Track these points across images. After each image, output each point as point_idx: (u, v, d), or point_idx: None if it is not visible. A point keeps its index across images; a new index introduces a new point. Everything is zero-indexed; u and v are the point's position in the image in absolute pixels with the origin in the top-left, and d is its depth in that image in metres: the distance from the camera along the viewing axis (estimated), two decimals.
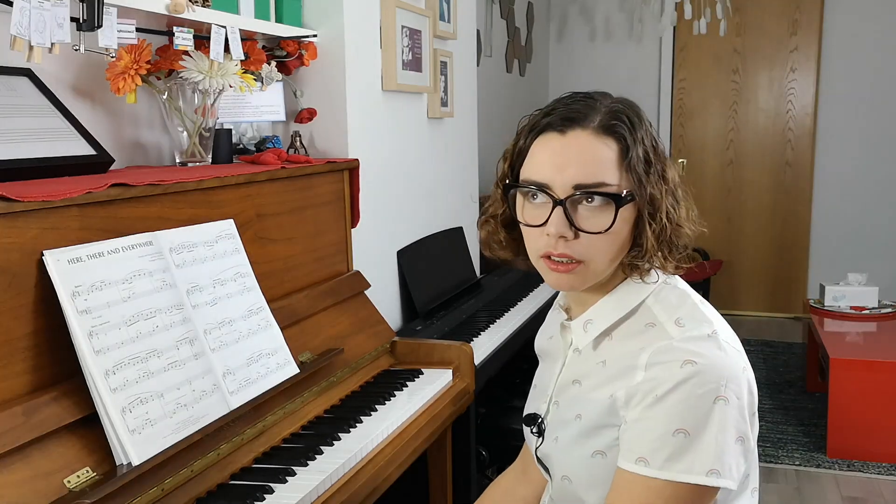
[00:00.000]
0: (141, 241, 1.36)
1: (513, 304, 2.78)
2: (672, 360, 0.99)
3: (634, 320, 1.08)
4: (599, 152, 1.02)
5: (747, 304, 5.66)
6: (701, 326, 1.03)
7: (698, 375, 0.97)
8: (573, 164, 1.02)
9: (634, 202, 1.04)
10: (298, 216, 1.88)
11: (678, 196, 1.08)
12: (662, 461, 0.97)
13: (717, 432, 0.97)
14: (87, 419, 1.20)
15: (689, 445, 0.97)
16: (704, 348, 1.00)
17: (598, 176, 1.02)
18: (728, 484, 0.98)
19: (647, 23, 5.38)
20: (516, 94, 4.89)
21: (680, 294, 1.09)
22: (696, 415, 0.97)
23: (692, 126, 5.61)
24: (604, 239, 1.03)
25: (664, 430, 0.98)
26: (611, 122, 1.03)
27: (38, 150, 1.46)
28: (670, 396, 0.98)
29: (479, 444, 2.32)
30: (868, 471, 3.19)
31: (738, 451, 0.99)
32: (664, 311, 1.06)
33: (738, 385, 0.99)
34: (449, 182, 2.94)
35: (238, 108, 2.14)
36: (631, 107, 1.07)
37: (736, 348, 1.04)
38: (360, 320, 2.00)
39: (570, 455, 1.11)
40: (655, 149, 1.06)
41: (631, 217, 1.04)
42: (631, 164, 1.02)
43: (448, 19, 2.85)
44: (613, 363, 1.07)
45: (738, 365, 1.01)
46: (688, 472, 0.97)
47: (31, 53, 1.33)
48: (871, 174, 5.30)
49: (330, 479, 1.40)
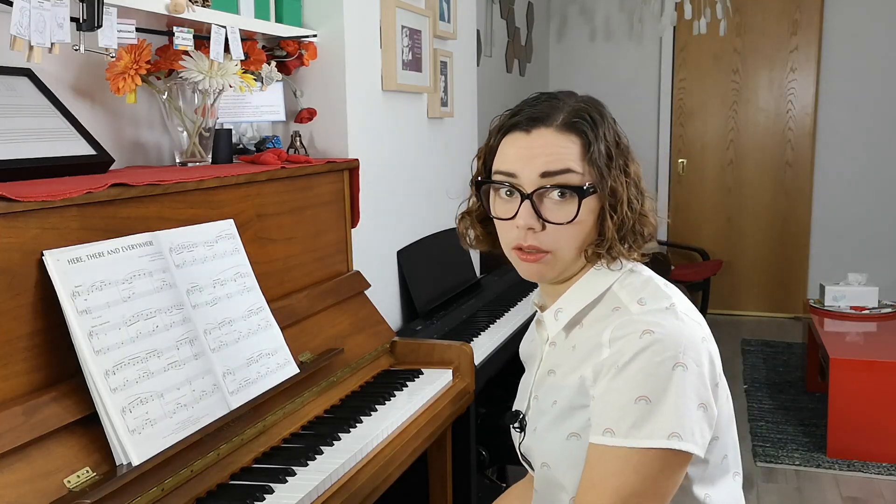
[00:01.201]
0: (141, 241, 1.36)
1: (513, 304, 2.78)
2: (632, 332, 1.03)
3: (602, 306, 1.12)
4: (563, 146, 1.09)
5: (747, 304, 5.66)
6: (660, 301, 1.08)
7: (656, 343, 1.01)
8: (539, 157, 1.09)
9: (597, 194, 1.09)
10: (298, 216, 1.88)
11: (641, 188, 1.13)
12: (627, 429, 1.00)
13: (676, 397, 0.99)
14: (87, 419, 1.20)
15: (650, 411, 0.99)
16: (662, 318, 1.04)
17: (564, 163, 1.08)
18: (690, 447, 1.00)
19: (647, 23, 5.38)
20: (516, 94, 4.89)
21: (644, 279, 1.13)
22: (656, 381, 1.00)
23: (692, 126, 5.61)
24: (569, 229, 1.09)
25: (627, 398, 1.01)
26: (573, 120, 1.09)
27: (38, 150, 1.46)
28: (631, 366, 1.01)
29: (479, 444, 2.32)
30: (868, 471, 3.19)
31: (700, 417, 1.01)
32: (628, 294, 1.10)
33: (696, 352, 1.02)
34: (449, 182, 2.94)
35: (238, 108, 2.14)
36: (594, 105, 1.13)
37: (695, 320, 1.08)
38: (360, 320, 2.00)
39: (546, 441, 1.14)
40: (618, 144, 1.12)
41: (595, 209, 1.10)
42: (592, 157, 1.08)
43: (448, 19, 2.85)
44: (582, 346, 1.11)
45: (696, 334, 1.04)
46: (650, 437, 0.99)
47: (31, 53, 1.33)
48: (871, 174, 5.30)
49: (330, 479, 1.40)
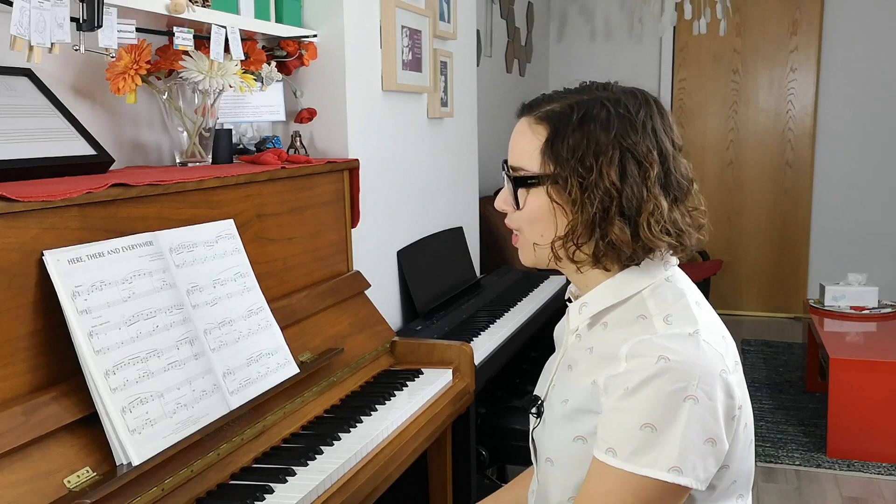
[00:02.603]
0: (141, 241, 1.36)
1: (513, 304, 2.77)
2: (648, 354, 1.01)
3: (627, 309, 1.10)
4: (526, 138, 1.11)
5: (747, 304, 5.66)
6: (685, 325, 1.04)
7: (669, 372, 0.99)
8: (511, 145, 1.14)
9: (554, 188, 1.08)
10: (298, 216, 1.88)
11: (626, 195, 1.04)
12: (628, 453, 0.99)
13: (683, 430, 0.98)
14: (87, 419, 1.20)
15: (654, 441, 0.98)
16: (681, 346, 1.01)
17: (519, 160, 1.12)
18: (690, 483, 0.99)
19: (647, 23, 5.38)
20: (516, 94, 4.89)
21: (677, 292, 1.09)
22: (664, 411, 0.98)
23: (692, 126, 5.60)
24: (524, 216, 1.12)
25: (633, 422, 0.99)
26: (549, 113, 1.09)
27: (38, 150, 1.46)
28: (642, 390, 0.99)
29: (479, 444, 2.32)
30: (868, 471, 3.19)
31: (705, 452, 1.00)
32: (657, 305, 1.07)
33: (710, 385, 0.99)
34: (449, 182, 2.94)
35: (238, 108, 2.14)
36: (604, 101, 1.07)
37: (718, 350, 1.03)
38: (360, 320, 2.00)
39: (553, 437, 1.14)
40: (621, 144, 1.05)
41: (547, 202, 1.09)
42: (554, 150, 1.07)
43: (448, 19, 2.85)
44: (599, 349, 1.09)
45: (714, 365, 1.01)
46: (650, 467, 0.98)
47: (31, 53, 1.33)
48: (871, 174, 5.30)
49: (330, 479, 1.40)
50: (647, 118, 1.08)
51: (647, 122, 1.07)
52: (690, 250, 1.11)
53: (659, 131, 1.08)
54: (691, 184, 1.11)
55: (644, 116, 1.07)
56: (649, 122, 1.07)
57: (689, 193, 1.11)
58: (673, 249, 1.10)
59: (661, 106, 1.11)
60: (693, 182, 1.12)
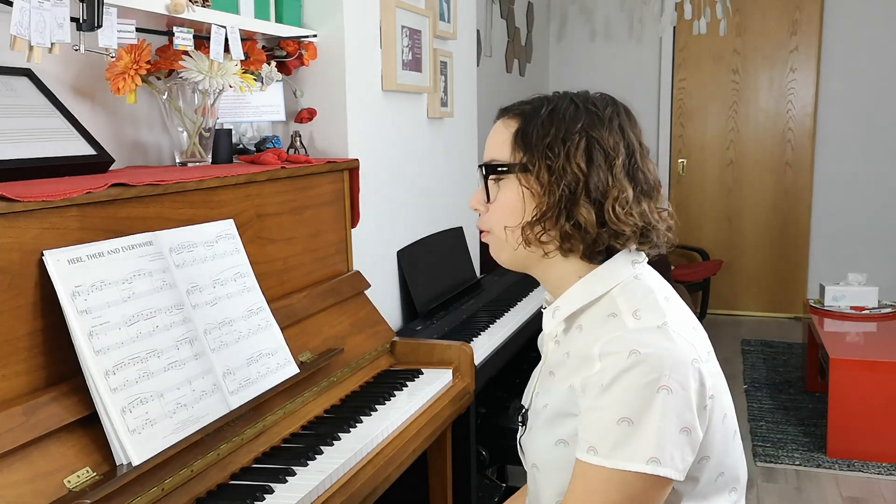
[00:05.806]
0: (141, 241, 1.36)
1: (513, 304, 2.78)
2: (620, 349, 1.02)
3: (599, 308, 1.11)
4: (499, 132, 1.15)
5: (747, 304, 5.66)
6: (654, 319, 1.06)
7: (641, 364, 1.00)
8: (486, 144, 1.18)
9: (523, 175, 1.10)
10: (298, 216, 1.88)
11: (593, 180, 1.08)
12: (609, 449, 1.00)
13: (658, 421, 0.99)
14: (87, 419, 1.20)
15: (632, 434, 0.99)
16: (651, 338, 1.02)
17: (491, 153, 1.15)
18: (669, 473, 1.00)
19: (647, 23, 5.38)
20: (516, 94, 4.88)
21: (645, 288, 1.11)
22: (639, 403, 0.99)
23: (692, 126, 5.61)
24: (493, 209, 1.15)
25: (610, 418, 1.00)
26: (523, 108, 1.14)
27: (38, 150, 1.46)
28: (616, 385, 1.01)
29: (479, 444, 2.32)
30: (868, 471, 3.19)
31: (682, 442, 1.01)
32: (626, 302, 1.09)
33: (683, 375, 1.01)
34: (449, 182, 2.94)
35: (238, 108, 2.14)
36: (571, 99, 1.12)
37: (688, 339, 1.05)
38: (360, 320, 2.00)
39: (536, 443, 1.15)
40: (588, 136, 1.08)
41: (518, 189, 1.11)
42: (524, 138, 1.10)
43: (448, 19, 2.85)
44: (575, 353, 1.11)
45: (685, 355, 1.02)
46: (630, 460, 0.99)
47: (31, 53, 1.33)
48: (871, 174, 5.30)
49: (330, 479, 1.40)
50: (615, 115, 1.12)
51: (615, 118, 1.12)
52: (659, 248, 1.15)
53: (626, 129, 1.12)
54: (658, 185, 1.15)
55: (611, 113, 1.12)
56: (616, 119, 1.12)
57: (657, 192, 1.14)
58: (640, 242, 1.12)
59: (629, 111, 1.16)
60: (660, 185, 1.15)
